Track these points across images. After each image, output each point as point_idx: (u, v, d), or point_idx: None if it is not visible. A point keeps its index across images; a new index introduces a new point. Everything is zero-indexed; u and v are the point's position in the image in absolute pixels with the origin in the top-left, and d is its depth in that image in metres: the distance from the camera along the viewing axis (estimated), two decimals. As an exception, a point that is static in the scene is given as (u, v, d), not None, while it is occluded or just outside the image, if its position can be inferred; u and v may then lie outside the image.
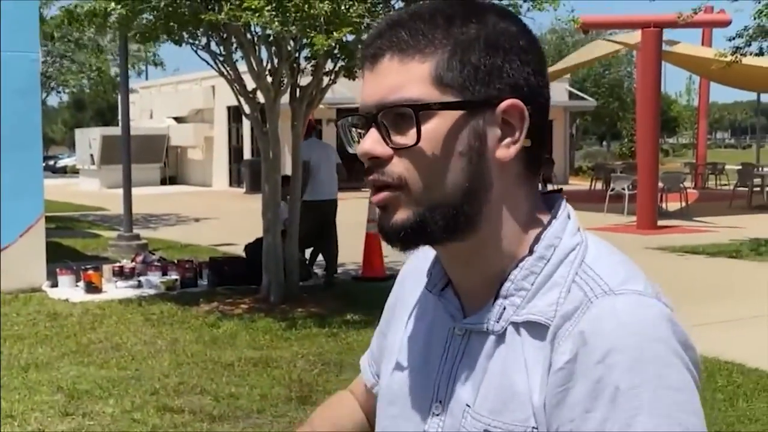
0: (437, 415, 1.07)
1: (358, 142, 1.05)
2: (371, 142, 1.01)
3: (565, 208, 1.07)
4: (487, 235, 1.03)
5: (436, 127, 0.99)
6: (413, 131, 0.98)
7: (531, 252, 1.02)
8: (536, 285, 1.01)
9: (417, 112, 0.98)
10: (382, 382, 1.22)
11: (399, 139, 1.00)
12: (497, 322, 1.02)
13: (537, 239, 1.02)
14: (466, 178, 1.00)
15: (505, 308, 1.01)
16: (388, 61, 1.01)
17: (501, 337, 1.01)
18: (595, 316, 0.94)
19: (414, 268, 1.23)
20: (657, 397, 0.91)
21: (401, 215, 1.01)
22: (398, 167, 1.01)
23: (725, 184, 27.37)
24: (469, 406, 1.03)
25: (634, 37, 17.83)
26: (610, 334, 0.93)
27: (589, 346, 0.93)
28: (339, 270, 11.57)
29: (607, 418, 0.91)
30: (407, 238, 1.03)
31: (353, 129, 1.09)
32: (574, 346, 0.94)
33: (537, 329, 0.98)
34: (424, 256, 1.17)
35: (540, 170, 1.07)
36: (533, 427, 0.97)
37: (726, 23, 20.66)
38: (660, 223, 16.69)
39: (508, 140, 1.00)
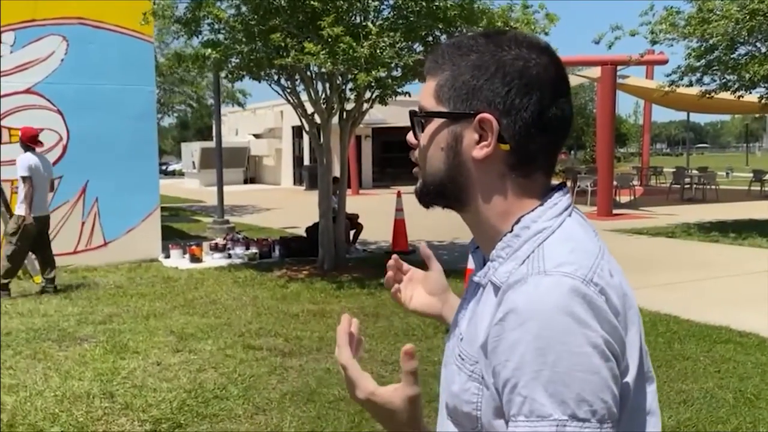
0: (454, 338, 1.08)
1: None
2: (410, 134, 1.08)
3: (557, 198, 1.02)
4: (476, 212, 1.03)
5: (429, 128, 1.04)
6: (422, 132, 1.06)
7: (512, 230, 1.00)
8: (508, 255, 0.99)
9: (415, 115, 1.06)
10: None
11: (418, 134, 1.07)
12: (483, 278, 1.02)
13: (518, 220, 1.00)
14: (446, 166, 1.03)
15: (489, 269, 1.01)
16: (426, 78, 1.07)
17: (485, 290, 1.01)
18: (524, 291, 0.92)
19: None
20: (558, 359, 0.87)
21: (418, 184, 1.08)
22: (416, 152, 1.08)
23: (663, 183, 27.02)
24: (462, 335, 1.04)
25: (596, 72, 17.63)
26: (528, 306, 0.90)
27: (514, 313, 0.91)
28: (373, 246, 11.59)
29: (517, 368, 0.89)
30: (421, 199, 1.10)
31: None
32: (507, 309, 0.92)
33: (495, 289, 0.97)
34: None
35: (534, 171, 1.01)
36: (476, 361, 0.97)
37: (664, 62, 20.33)
38: (615, 211, 16.54)
39: (482, 144, 0.99)
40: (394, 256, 1.39)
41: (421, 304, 1.37)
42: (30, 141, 7.89)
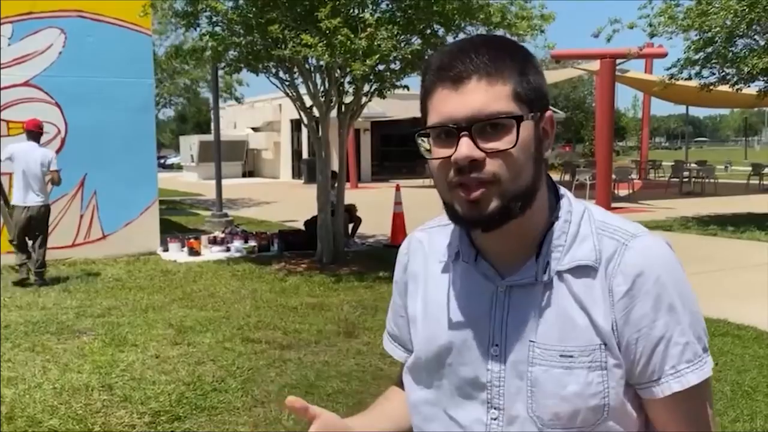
0: (496, 355, 1.02)
1: (429, 149, 1.00)
2: (469, 149, 0.94)
3: (558, 185, 1.08)
4: (531, 212, 1.01)
5: (523, 134, 0.95)
6: (508, 138, 0.94)
7: (557, 218, 1.02)
8: (569, 241, 1.01)
9: (519, 122, 0.95)
10: (420, 345, 1.12)
11: (494, 145, 0.95)
12: (545, 273, 1.00)
13: (557, 208, 1.04)
14: (534, 171, 0.99)
15: (548, 262, 1.00)
16: (476, 83, 0.95)
17: (548, 286, 0.99)
18: (636, 254, 0.99)
19: (416, 250, 1.18)
20: (690, 301, 1.00)
21: (494, 205, 0.96)
22: (492, 167, 0.95)
23: (662, 176, 27.01)
24: (533, 341, 0.99)
25: (595, 65, 17.61)
26: (653, 266, 0.98)
27: (642, 276, 0.97)
28: (372, 240, 11.60)
29: (669, 322, 0.97)
30: (496, 221, 0.98)
31: (424, 139, 1.01)
32: (629, 278, 0.97)
33: (584, 271, 0.99)
34: (426, 237, 1.17)
35: None
36: (600, 344, 0.98)
37: (663, 55, 20.29)
38: (613, 205, 16.52)
39: (547, 142, 1.01)
40: (289, 398, 1.05)
41: None
42: (29, 128, 8.10)
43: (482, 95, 0.95)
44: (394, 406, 1.24)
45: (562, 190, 1.07)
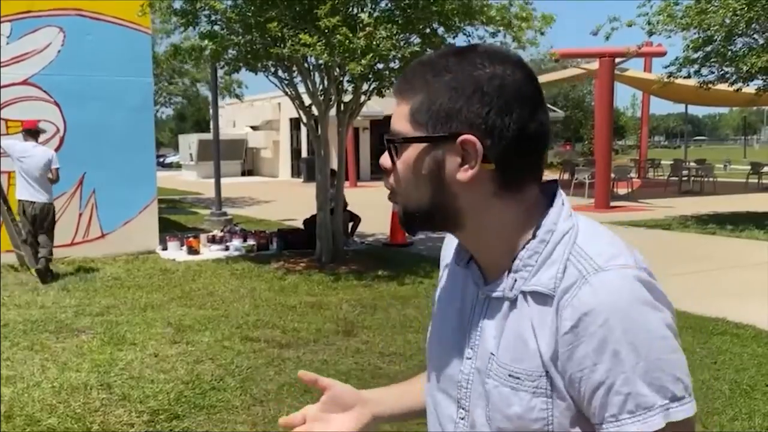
0: (469, 358, 1.05)
1: None
2: (383, 157, 1.05)
3: (560, 196, 1.03)
4: (477, 228, 1.01)
5: (408, 154, 1.00)
6: (402, 155, 1.02)
7: (534, 236, 0.99)
8: (539, 262, 0.98)
9: (391, 141, 1.02)
10: (431, 331, 1.20)
11: (394, 160, 1.03)
12: (510, 290, 0.99)
13: (538, 226, 1.00)
14: (430, 192, 0.99)
15: (516, 280, 0.99)
16: (396, 99, 1.04)
17: (513, 303, 0.99)
18: (591, 290, 0.91)
19: (448, 243, 1.21)
20: (647, 348, 0.90)
21: (401, 213, 1.05)
22: (392, 179, 1.04)
23: (661, 175, 27.01)
24: (493, 354, 1.01)
25: (594, 65, 17.63)
26: (604, 305, 0.90)
27: (590, 315, 0.90)
28: (371, 239, 11.60)
29: (611, 369, 0.90)
30: (404, 227, 1.07)
31: None
32: (576, 314, 0.91)
33: (541, 298, 0.96)
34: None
35: (524, 183, 1.00)
36: (545, 372, 0.95)
37: (662, 54, 20.35)
38: (612, 203, 16.56)
39: (466, 166, 0.97)
40: (300, 372, 1.22)
41: (348, 427, 1.20)
42: (27, 128, 8.34)
43: (395, 112, 1.03)
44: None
45: (557, 199, 1.02)
